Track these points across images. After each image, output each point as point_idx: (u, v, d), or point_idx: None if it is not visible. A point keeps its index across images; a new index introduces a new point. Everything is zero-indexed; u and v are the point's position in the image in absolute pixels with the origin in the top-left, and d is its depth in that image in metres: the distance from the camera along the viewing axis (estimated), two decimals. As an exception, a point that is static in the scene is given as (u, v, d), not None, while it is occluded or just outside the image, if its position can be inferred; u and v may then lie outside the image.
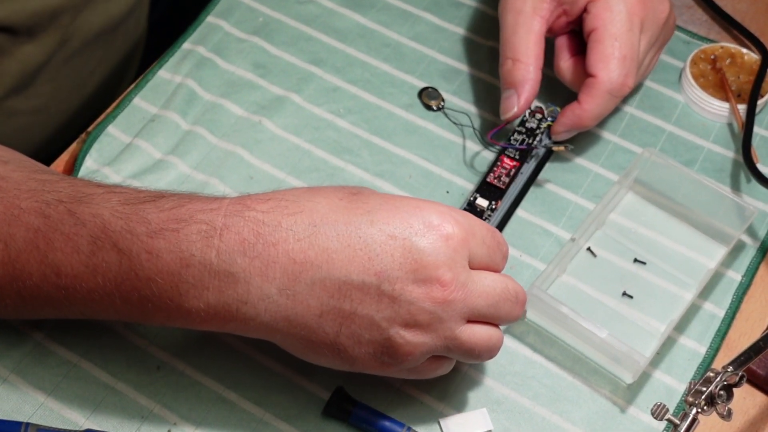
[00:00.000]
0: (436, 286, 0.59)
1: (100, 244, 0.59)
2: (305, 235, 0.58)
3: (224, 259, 0.58)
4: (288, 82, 0.82)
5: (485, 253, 0.62)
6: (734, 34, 0.87)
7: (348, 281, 0.58)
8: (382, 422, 0.66)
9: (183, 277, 0.58)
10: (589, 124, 0.75)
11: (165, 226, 0.58)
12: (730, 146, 0.80)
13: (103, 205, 0.60)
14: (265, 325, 0.59)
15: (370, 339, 0.59)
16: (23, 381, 0.67)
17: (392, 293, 0.58)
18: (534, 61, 0.75)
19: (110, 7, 0.86)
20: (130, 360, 0.68)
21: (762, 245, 0.75)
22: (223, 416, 0.66)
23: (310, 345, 0.60)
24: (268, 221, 0.58)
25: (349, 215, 0.59)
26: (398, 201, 0.60)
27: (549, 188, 0.78)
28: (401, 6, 0.87)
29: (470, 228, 0.61)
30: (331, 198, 0.60)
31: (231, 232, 0.58)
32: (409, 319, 0.59)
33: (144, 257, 0.58)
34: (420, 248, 0.59)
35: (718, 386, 0.60)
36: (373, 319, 0.59)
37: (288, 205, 0.59)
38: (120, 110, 0.79)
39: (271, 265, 0.58)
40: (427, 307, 0.59)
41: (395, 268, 0.58)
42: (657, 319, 0.71)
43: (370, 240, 0.58)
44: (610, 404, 0.68)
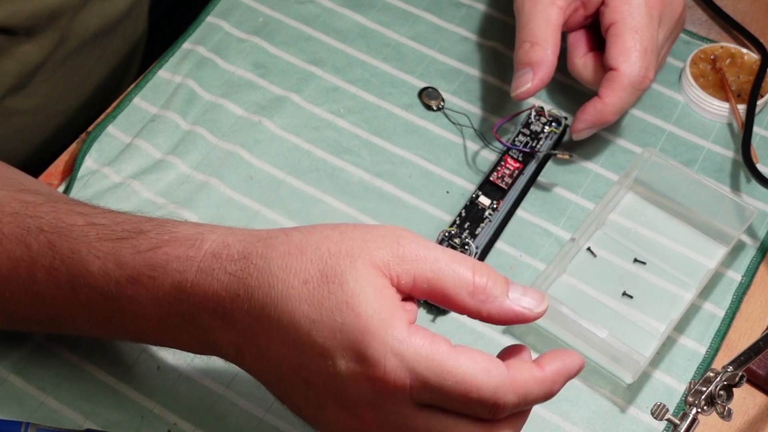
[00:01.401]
0: (355, 419, 0.55)
1: (79, 283, 0.59)
2: (256, 315, 0.55)
3: (194, 313, 0.57)
4: (288, 82, 0.82)
5: (430, 398, 0.54)
6: (734, 34, 0.87)
7: (280, 377, 0.56)
8: (382, 422, 0.65)
9: (166, 323, 0.58)
10: (611, 119, 0.74)
11: (142, 271, 0.58)
12: (730, 146, 0.80)
13: (81, 240, 0.59)
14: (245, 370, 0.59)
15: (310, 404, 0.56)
16: (23, 381, 0.67)
17: (317, 403, 0.55)
18: (552, 47, 0.74)
19: (108, 7, 0.86)
20: (130, 360, 0.68)
21: (762, 245, 0.75)
22: (223, 416, 0.66)
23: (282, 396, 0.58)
24: (231, 287, 0.55)
25: (294, 312, 0.54)
26: (351, 316, 0.53)
27: (549, 188, 0.78)
28: (401, 6, 0.87)
29: (415, 373, 0.52)
30: (298, 278, 0.54)
31: (198, 290, 0.56)
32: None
33: (126, 301, 0.59)
34: (343, 379, 0.53)
35: (718, 386, 0.60)
36: (299, 410, 0.57)
37: (254, 273, 0.55)
38: (120, 110, 0.79)
39: (230, 329, 0.56)
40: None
41: (320, 386, 0.54)
42: (657, 319, 0.71)
43: (303, 347, 0.54)
44: (610, 404, 0.68)
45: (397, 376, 0.52)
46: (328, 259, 0.54)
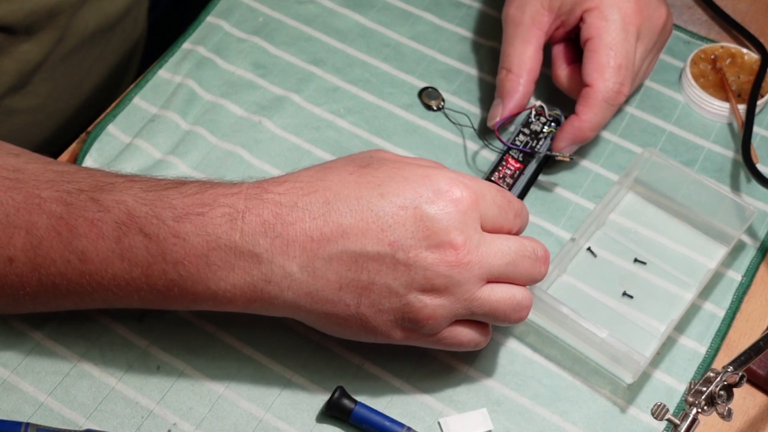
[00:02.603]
0: (449, 251, 0.61)
1: (125, 230, 0.60)
2: (320, 213, 0.60)
3: (248, 240, 0.60)
4: (288, 82, 0.82)
5: (496, 214, 0.63)
6: (734, 34, 0.87)
7: (363, 253, 0.60)
8: (382, 422, 0.66)
9: (210, 260, 0.60)
10: (590, 135, 0.76)
11: (190, 210, 0.60)
12: (730, 146, 0.80)
13: (126, 192, 0.61)
14: (288, 303, 0.61)
15: (390, 307, 0.61)
16: (23, 381, 0.66)
17: (407, 261, 0.60)
18: (526, 74, 0.77)
19: (107, 6, 0.86)
20: (130, 360, 0.68)
21: (762, 245, 0.75)
22: (223, 416, 0.66)
23: (333, 318, 0.62)
24: (285, 202, 0.61)
25: (360, 189, 0.61)
26: (407, 170, 0.62)
27: (549, 188, 0.78)
28: (401, 6, 0.87)
29: (479, 190, 0.63)
30: (342, 174, 0.62)
31: (252, 214, 0.60)
32: (425, 284, 0.61)
33: (171, 241, 0.60)
34: (430, 215, 0.61)
35: (719, 386, 0.60)
36: (390, 287, 0.61)
37: (303, 186, 0.61)
38: (120, 110, 0.79)
39: (290, 244, 0.60)
40: (443, 271, 0.61)
41: (408, 237, 0.60)
42: (657, 319, 0.71)
43: (382, 212, 0.61)
44: (610, 404, 0.68)
45: (469, 194, 0.62)
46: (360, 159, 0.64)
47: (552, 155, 0.77)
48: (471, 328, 0.64)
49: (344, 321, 0.62)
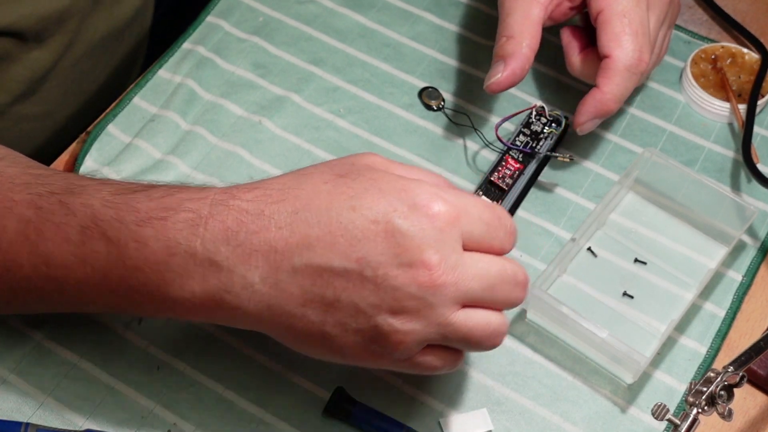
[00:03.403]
0: (421, 270, 0.56)
1: (89, 234, 0.59)
2: (286, 223, 0.57)
3: (208, 247, 0.57)
4: (288, 82, 0.82)
5: (483, 231, 0.59)
6: (735, 34, 0.87)
7: (329, 268, 0.57)
8: (382, 422, 0.65)
9: (169, 266, 0.58)
10: (613, 108, 0.73)
11: (153, 214, 0.58)
12: (731, 146, 0.80)
13: (94, 196, 0.60)
14: (250, 315, 0.59)
15: (356, 327, 0.58)
16: (23, 381, 0.66)
17: (375, 279, 0.56)
18: (527, 39, 0.74)
19: (116, 11, 0.86)
20: (130, 360, 0.68)
21: (762, 245, 0.75)
22: (223, 416, 0.66)
23: (298, 335, 0.59)
24: (251, 210, 0.58)
25: (332, 200, 0.58)
26: (385, 182, 0.58)
27: (549, 188, 0.78)
28: (401, 6, 0.87)
29: (463, 206, 0.58)
30: (316, 183, 0.59)
31: (216, 221, 0.58)
32: (395, 306, 0.57)
33: (132, 246, 0.58)
34: (403, 231, 0.57)
35: (719, 386, 0.60)
36: (357, 306, 0.57)
37: (272, 193, 0.58)
38: (120, 110, 0.79)
39: (253, 254, 0.57)
40: (414, 292, 0.56)
41: (377, 253, 0.56)
42: (657, 319, 0.71)
43: (351, 225, 0.57)
44: (610, 404, 0.68)
45: (449, 210, 0.57)
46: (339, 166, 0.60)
47: (552, 155, 0.77)
48: (444, 353, 0.60)
49: (309, 338, 0.59)
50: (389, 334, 0.57)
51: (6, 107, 0.81)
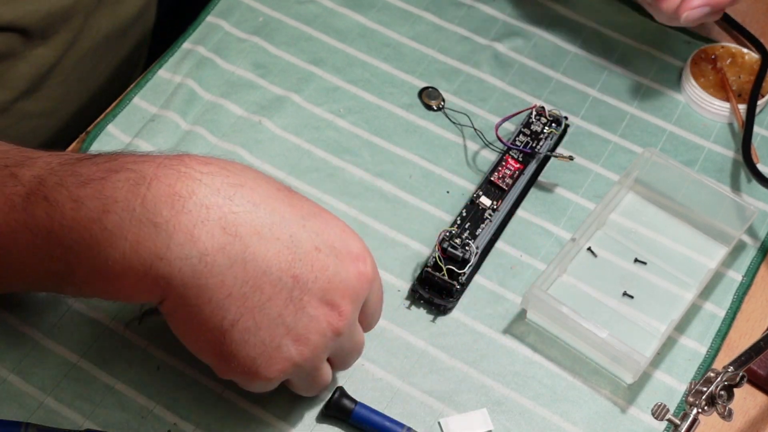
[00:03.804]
0: (336, 313, 0.58)
1: (33, 199, 0.58)
2: (242, 211, 0.56)
3: (149, 208, 0.55)
4: (288, 82, 0.82)
5: (374, 303, 0.62)
6: (734, 34, 0.87)
7: (267, 273, 0.56)
8: (382, 422, 0.65)
9: (102, 224, 0.56)
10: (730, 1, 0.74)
11: (95, 176, 0.57)
12: (731, 146, 0.80)
13: (43, 167, 0.59)
14: (172, 288, 0.56)
15: (260, 341, 0.57)
16: (23, 381, 0.66)
17: (299, 303, 0.57)
18: None
19: (120, 9, 0.87)
20: (130, 360, 0.68)
21: (762, 245, 0.75)
22: (223, 416, 0.66)
23: (199, 324, 0.57)
24: (207, 182, 0.56)
25: (286, 209, 0.58)
26: (329, 217, 0.60)
27: (549, 188, 0.78)
28: (401, 6, 0.87)
29: (375, 277, 0.61)
30: (270, 185, 0.58)
31: (161, 183, 0.56)
32: (302, 335, 0.58)
33: (69, 206, 0.57)
34: (337, 272, 0.58)
35: (719, 386, 0.60)
36: (273, 321, 0.57)
37: (229, 174, 0.57)
38: (120, 110, 0.79)
39: (199, 225, 0.55)
40: (322, 329, 0.58)
41: (311, 279, 0.57)
42: (657, 319, 0.71)
43: (299, 243, 0.57)
44: (610, 404, 0.68)
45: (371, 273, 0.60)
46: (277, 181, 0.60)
47: (552, 155, 0.77)
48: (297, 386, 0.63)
49: (208, 332, 0.57)
50: (283, 359, 0.58)
51: (9, 104, 0.81)
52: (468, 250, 0.71)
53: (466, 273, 0.71)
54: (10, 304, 0.69)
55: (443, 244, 0.71)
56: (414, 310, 0.71)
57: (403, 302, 0.71)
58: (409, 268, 0.73)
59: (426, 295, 0.71)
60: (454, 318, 0.71)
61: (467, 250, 0.71)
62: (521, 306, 0.70)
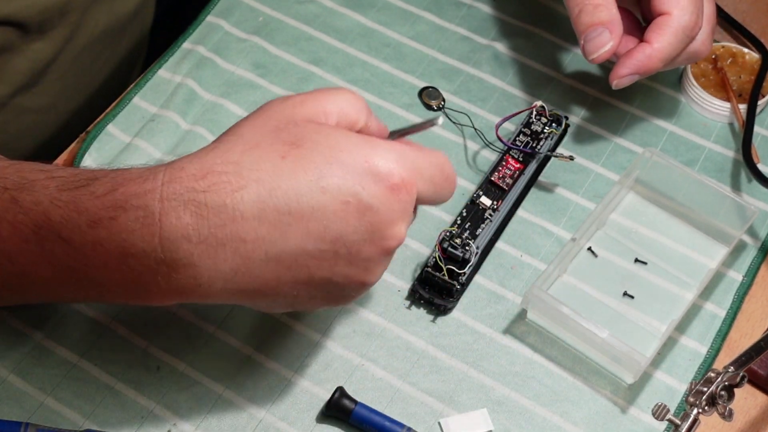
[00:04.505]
0: (390, 241, 0.58)
1: (44, 234, 0.58)
2: (253, 215, 0.55)
3: (168, 247, 0.55)
4: (288, 82, 0.82)
5: (432, 192, 0.60)
6: (735, 34, 0.87)
7: (303, 252, 0.56)
8: (382, 422, 0.65)
9: (130, 265, 0.56)
10: (658, 66, 0.73)
11: (102, 214, 0.56)
12: (731, 146, 0.80)
13: (42, 192, 0.58)
14: (224, 299, 0.58)
15: (327, 294, 0.59)
16: (23, 381, 0.66)
17: (349, 256, 0.57)
18: (614, 8, 0.74)
19: (116, 6, 0.87)
20: (130, 360, 0.68)
21: (763, 245, 0.75)
22: (223, 416, 0.66)
23: (266, 308, 0.62)
24: (211, 203, 0.55)
25: (298, 182, 0.55)
26: (345, 153, 0.56)
27: (550, 188, 0.78)
28: (401, 6, 0.87)
29: (418, 171, 0.59)
30: (273, 158, 0.56)
31: (170, 218, 0.55)
32: (365, 275, 0.59)
33: (90, 248, 0.57)
34: (373, 209, 0.57)
35: (719, 386, 0.60)
36: (330, 280, 0.58)
37: (229, 179, 0.55)
38: (119, 109, 0.79)
39: (220, 248, 0.55)
40: (383, 260, 0.59)
41: (350, 233, 0.57)
42: (658, 319, 0.71)
43: (323, 209, 0.56)
44: (610, 404, 0.68)
45: (409, 177, 0.58)
46: (286, 131, 0.57)
47: (552, 155, 0.77)
48: None
49: (273, 305, 0.61)
50: (354, 296, 0.61)
51: (7, 98, 0.82)
52: (468, 250, 0.71)
53: (466, 273, 0.71)
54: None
55: (443, 244, 0.71)
56: (414, 310, 0.71)
57: (403, 302, 0.71)
58: (409, 268, 0.73)
59: (426, 295, 0.71)
60: (454, 318, 0.71)
61: (467, 250, 0.71)
62: (521, 306, 0.70)
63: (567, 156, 0.76)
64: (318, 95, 0.60)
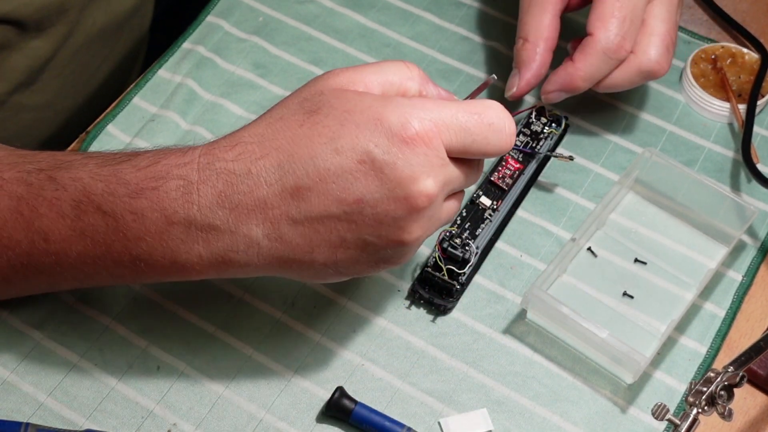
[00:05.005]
0: (418, 198, 0.58)
1: (83, 208, 0.60)
2: (275, 179, 0.58)
3: (206, 213, 0.58)
4: (288, 82, 0.82)
5: (469, 141, 0.59)
6: (734, 34, 0.87)
7: (329, 215, 0.58)
8: (382, 422, 0.65)
9: (171, 234, 0.59)
10: (581, 86, 0.74)
11: (144, 185, 0.59)
12: (731, 146, 0.80)
13: (81, 169, 0.61)
14: (261, 267, 0.60)
15: (368, 256, 0.60)
16: (23, 381, 0.66)
17: (376, 216, 0.58)
18: (543, 42, 0.75)
19: (114, 4, 0.87)
20: (130, 360, 0.68)
21: (762, 245, 0.75)
22: (223, 416, 0.66)
23: (309, 274, 0.61)
24: (238, 170, 0.58)
25: (314, 147, 0.58)
26: (358, 113, 0.58)
27: (549, 188, 0.78)
28: (401, 6, 0.87)
29: (438, 119, 0.58)
30: (292, 127, 0.58)
31: (207, 186, 0.58)
32: (399, 233, 0.59)
33: (129, 218, 0.59)
34: (390, 165, 0.57)
35: (719, 386, 0.60)
36: (366, 241, 0.59)
37: (254, 149, 0.58)
38: (120, 110, 0.79)
39: (250, 213, 0.58)
40: (415, 218, 0.58)
41: (373, 191, 0.58)
42: (657, 319, 0.71)
43: (341, 170, 0.57)
44: (610, 404, 0.68)
45: (427, 128, 0.58)
46: (311, 101, 0.59)
47: (552, 155, 0.77)
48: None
49: (320, 273, 0.61)
50: (399, 257, 0.61)
51: (6, 96, 0.82)
52: (468, 250, 0.71)
53: (466, 273, 0.71)
54: (11, 304, 0.69)
55: (443, 244, 0.71)
56: (414, 310, 0.71)
57: (403, 302, 0.71)
58: (409, 268, 0.73)
59: (426, 295, 0.71)
60: (454, 318, 0.71)
61: (467, 250, 0.71)
62: (521, 306, 0.70)
63: (567, 156, 0.76)
64: (360, 67, 0.61)
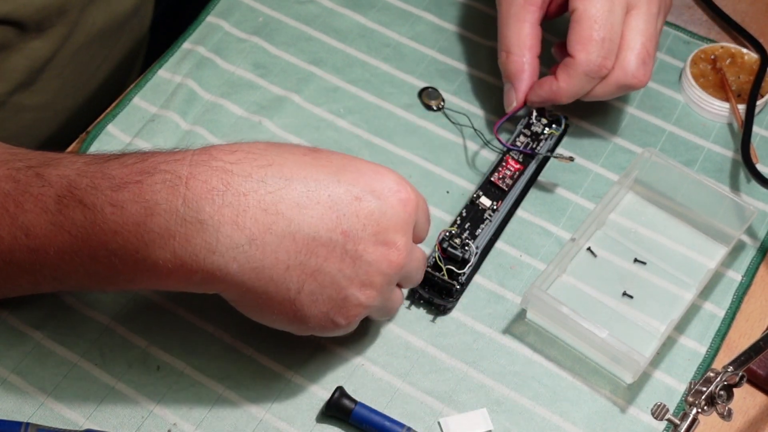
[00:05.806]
0: (393, 250, 0.61)
1: (66, 202, 0.59)
2: (276, 188, 0.59)
3: (191, 206, 0.58)
4: (288, 82, 0.82)
5: (423, 222, 0.65)
6: (734, 35, 0.87)
7: (316, 237, 0.59)
8: (382, 422, 0.66)
9: (148, 227, 0.58)
10: (565, 102, 0.76)
11: (129, 179, 0.59)
12: (730, 146, 0.80)
13: (69, 167, 0.61)
14: (231, 277, 0.59)
15: (328, 297, 0.61)
16: (23, 381, 0.66)
17: (355, 253, 0.60)
18: (528, 51, 0.77)
19: (114, 5, 0.87)
20: (130, 360, 0.68)
21: (762, 245, 0.75)
22: (223, 416, 0.66)
23: (268, 302, 0.61)
24: (238, 171, 0.59)
25: (318, 173, 0.60)
26: (358, 163, 0.62)
27: (549, 188, 0.78)
28: (401, 6, 0.87)
29: (418, 198, 0.63)
30: (295, 153, 0.61)
31: (197, 181, 0.58)
32: (366, 280, 0.61)
33: (108, 210, 0.58)
34: (382, 211, 0.61)
35: (719, 386, 0.60)
36: (334, 278, 0.60)
37: (256, 157, 0.60)
38: (120, 110, 0.79)
39: (241, 214, 0.58)
40: (384, 270, 0.61)
41: (359, 229, 0.60)
42: (657, 319, 0.71)
43: (338, 199, 0.60)
44: (610, 404, 0.68)
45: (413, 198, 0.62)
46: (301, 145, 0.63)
47: (553, 156, 0.77)
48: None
49: (278, 306, 0.61)
50: (354, 306, 0.62)
51: (6, 96, 0.82)
52: (468, 250, 0.71)
53: (466, 273, 0.71)
54: (11, 304, 0.69)
55: (443, 244, 0.71)
56: (414, 310, 0.71)
57: (403, 302, 0.71)
58: (408, 268, 0.73)
59: (426, 295, 0.71)
60: (454, 318, 0.71)
61: (467, 250, 0.71)
62: (521, 306, 0.70)
63: (567, 157, 0.76)
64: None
